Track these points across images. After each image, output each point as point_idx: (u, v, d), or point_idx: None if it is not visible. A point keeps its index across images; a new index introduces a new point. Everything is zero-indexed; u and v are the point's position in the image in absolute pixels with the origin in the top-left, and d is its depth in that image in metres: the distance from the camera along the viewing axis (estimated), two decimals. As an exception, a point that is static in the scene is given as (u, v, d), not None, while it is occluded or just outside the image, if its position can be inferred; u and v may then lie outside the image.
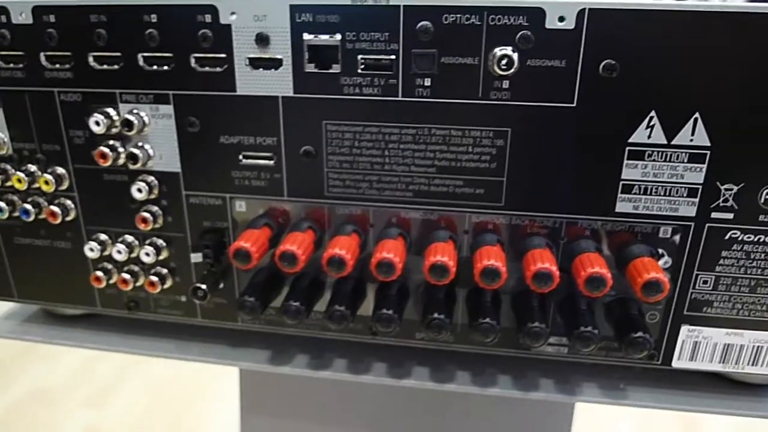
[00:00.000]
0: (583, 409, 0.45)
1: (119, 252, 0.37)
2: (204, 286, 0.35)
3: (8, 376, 1.44)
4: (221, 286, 0.37)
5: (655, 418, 1.30)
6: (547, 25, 0.29)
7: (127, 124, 0.33)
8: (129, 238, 0.37)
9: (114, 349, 0.40)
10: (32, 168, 0.37)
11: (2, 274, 0.40)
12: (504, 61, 0.29)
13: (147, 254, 0.36)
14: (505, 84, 0.30)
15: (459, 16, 0.29)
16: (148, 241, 0.37)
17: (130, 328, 0.43)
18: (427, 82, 0.31)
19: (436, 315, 0.32)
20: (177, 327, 0.41)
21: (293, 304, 0.33)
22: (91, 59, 0.34)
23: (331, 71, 0.31)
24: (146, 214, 0.35)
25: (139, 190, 0.35)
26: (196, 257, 0.36)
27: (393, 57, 0.31)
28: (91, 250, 0.37)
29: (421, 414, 0.52)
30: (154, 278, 0.37)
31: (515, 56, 0.29)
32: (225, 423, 1.30)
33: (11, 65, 0.35)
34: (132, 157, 0.34)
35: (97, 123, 0.34)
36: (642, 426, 1.30)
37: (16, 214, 0.38)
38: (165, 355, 0.40)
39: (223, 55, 0.32)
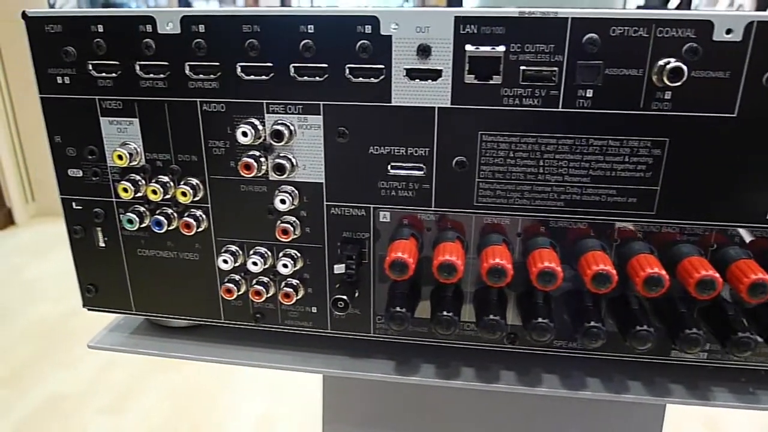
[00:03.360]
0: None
1: (255, 263, 0.36)
2: (346, 297, 0.34)
3: (25, 383, 1.39)
4: (356, 295, 0.36)
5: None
6: (715, 38, 0.29)
7: (277, 134, 0.33)
8: (261, 249, 0.36)
9: (235, 362, 0.39)
10: (164, 179, 0.36)
11: (121, 286, 0.39)
12: (673, 73, 0.29)
13: (285, 265, 0.35)
14: (667, 95, 0.30)
15: (627, 28, 0.29)
16: (282, 252, 0.36)
17: (237, 339, 0.41)
18: (589, 93, 0.31)
19: (593, 323, 0.32)
20: (283, 337, 0.40)
21: (446, 314, 0.33)
22: (239, 69, 0.33)
23: (491, 82, 0.31)
24: (287, 225, 0.35)
25: (283, 201, 0.34)
26: (339, 268, 0.35)
27: (556, 68, 0.30)
28: (225, 261, 0.36)
29: (511, 418, 0.51)
30: (289, 289, 0.36)
31: (684, 68, 0.29)
32: (243, 430, 1.27)
33: (151, 75, 0.34)
34: (279, 168, 0.33)
35: (245, 134, 0.33)
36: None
37: (144, 225, 0.36)
38: (288, 368, 0.39)
39: (381, 66, 0.31)
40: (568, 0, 0.71)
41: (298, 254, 0.36)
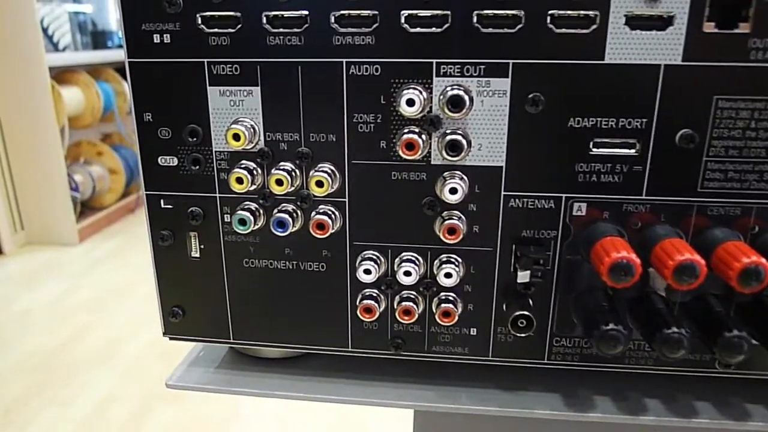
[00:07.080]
0: None
1: (407, 273, 0.27)
2: (530, 314, 0.26)
3: (18, 421, 1.24)
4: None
5: None
6: None
7: (455, 102, 0.24)
8: (409, 254, 0.27)
9: (367, 401, 0.30)
10: (287, 166, 0.27)
11: (217, 308, 0.29)
12: None
13: (448, 275, 0.26)
14: None
15: None
16: (441, 258, 0.27)
17: (350, 372, 0.32)
18: None
19: None
20: (399, 366, 0.31)
21: (675, 331, 0.24)
22: (402, 19, 0.24)
23: (737, 31, 0.23)
24: (455, 223, 0.26)
25: (453, 191, 0.25)
26: (523, 276, 0.26)
27: (822, 12, 0.23)
28: (367, 272, 0.27)
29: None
30: (449, 305, 0.27)
31: None
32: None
33: (282, 30, 0.25)
34: (453, 147, 0.25)
35: (410, 102, 0.24)
36: None
37: (258, 227, 0.27)
38: (434, 408, 0.30)
39: (594, 12, 0.23)
40: None
41: (459, 260, 0.27)
